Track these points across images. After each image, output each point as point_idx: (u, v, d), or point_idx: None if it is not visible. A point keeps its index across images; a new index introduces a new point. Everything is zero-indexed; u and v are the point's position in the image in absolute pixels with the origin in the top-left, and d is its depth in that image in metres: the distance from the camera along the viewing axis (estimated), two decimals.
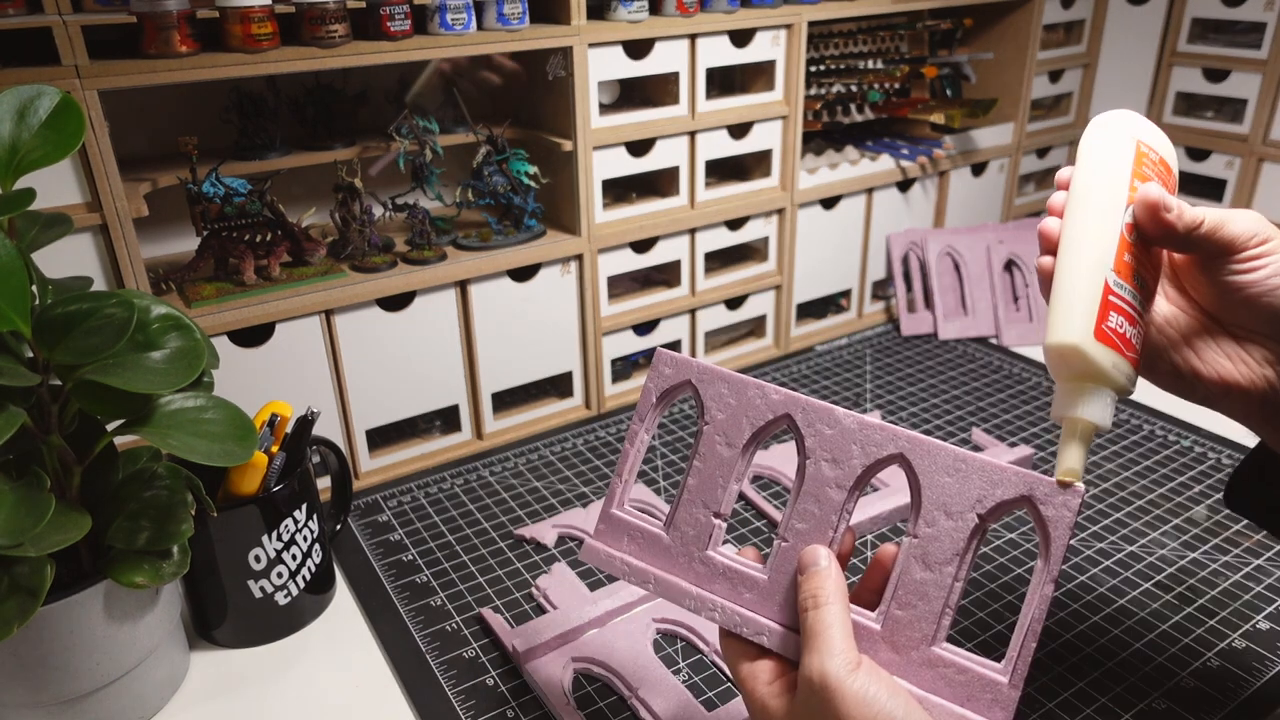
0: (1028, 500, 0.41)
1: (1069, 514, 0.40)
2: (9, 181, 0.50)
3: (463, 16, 0.77)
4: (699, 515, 0.49)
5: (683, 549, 0.49)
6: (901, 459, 0.44)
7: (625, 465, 0.52)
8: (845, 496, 0.45)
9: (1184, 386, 0.50)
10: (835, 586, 0.43)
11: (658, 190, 0.97)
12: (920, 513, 0.43)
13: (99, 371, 0.49)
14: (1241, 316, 0.48)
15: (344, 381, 0.80)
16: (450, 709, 0.60)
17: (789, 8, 0.94)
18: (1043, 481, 0.41)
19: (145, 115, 0.81)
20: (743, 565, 0.47)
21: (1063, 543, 0.40)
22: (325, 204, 0.89)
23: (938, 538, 0.43)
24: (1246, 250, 0.46)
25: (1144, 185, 0.46)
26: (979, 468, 0.42)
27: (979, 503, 0.42)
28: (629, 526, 0.51)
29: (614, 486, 0.52)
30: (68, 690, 0.56)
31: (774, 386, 0.48)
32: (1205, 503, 0.79)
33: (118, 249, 0.68)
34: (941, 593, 0.42)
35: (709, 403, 0.50)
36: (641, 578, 0.49)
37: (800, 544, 0.46)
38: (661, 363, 0.52)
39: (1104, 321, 0.44)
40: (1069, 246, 0.45)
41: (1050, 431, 0.90)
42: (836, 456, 0.46)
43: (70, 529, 0.50)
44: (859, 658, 0.40)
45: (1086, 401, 0.44)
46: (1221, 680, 0.60)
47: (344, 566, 0.74)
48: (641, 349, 0.99)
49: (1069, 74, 1.29)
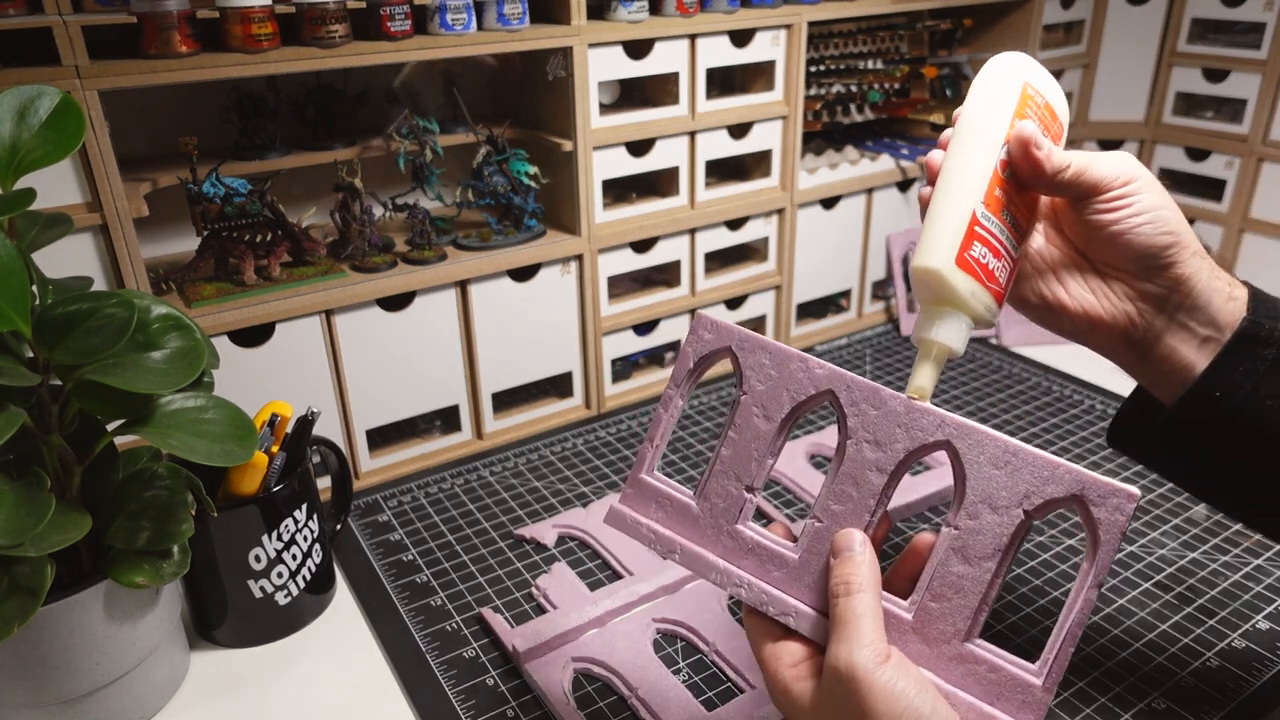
0: (1079, 500, 0.40)
1: (1121, 518, 0.39)
2: (9, 181, 0.50)
3: (463, 16, 0.77)
4: (730, 487, 0.47)
5: (711, 521, 0.47)
6: (948, 447, 0.42)
7: (657, 430, 0.50)
8: (885, 481, 0.43)
9: (1053, 319, 0.53)
10: (869, 574, 0.41)
11: (658, 190, 0.97)
12: (963, 504, 0.42)
13: (99, 371, 0.49)
14: (1106, 254, 0.51)
15: (344, 381, 0.81)
16: (450, 709, 0.60)
17: (789, 8, 0.94)
18: (1098, 482, 0.39)
19: (145, 115, 0.81)
20: (773, 543, 0.45)
21: (1112, 547, 0.39)
22: (325, 204, 0.89)
23: (980, 531, 0.41)
24: (1111, 191, 0.48)
25: (1020, 122, 0.47)
26: (1030, 461, 0.41)
27: (1027, 498, 0.40)
28: (658, 493, 0.49)
29: (644, 451, 0.50)
30: (68, 690, 0.56)
31: (818, 360, 0.46)
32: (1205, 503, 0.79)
33: (118, 249, 0.68)
34: (979, 588, 0.41)
35: (748, 372, 0.47)
36: (667, 546, 0.47)
37: (835, 526, 0.44)
38: (701, 327, 0.49)
39: (966, 250, 0.46)
40: (944, 178, 0.48)
41: (1051, 432, 0.90)
42: (879, 439, 0.44)
43: (70, 529, 0.50)
44: (888, 650, 0.39)
45: (942, 325, 0.46)
46: (1221, 680, 0.60)
47: (344, 566, 0.74)
48: (642, 349, 0.99)
49: (1069, 74, 1.29)
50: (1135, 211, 0.48)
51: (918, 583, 0.42)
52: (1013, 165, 0.48)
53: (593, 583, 0.71)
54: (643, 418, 0.95)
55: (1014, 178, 0.48)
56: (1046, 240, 0.53)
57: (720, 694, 0.60)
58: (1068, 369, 1.02)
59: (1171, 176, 1.29)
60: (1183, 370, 0.50)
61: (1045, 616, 0.66)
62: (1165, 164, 1.28)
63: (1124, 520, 0.39)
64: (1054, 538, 0.75)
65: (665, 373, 1.02)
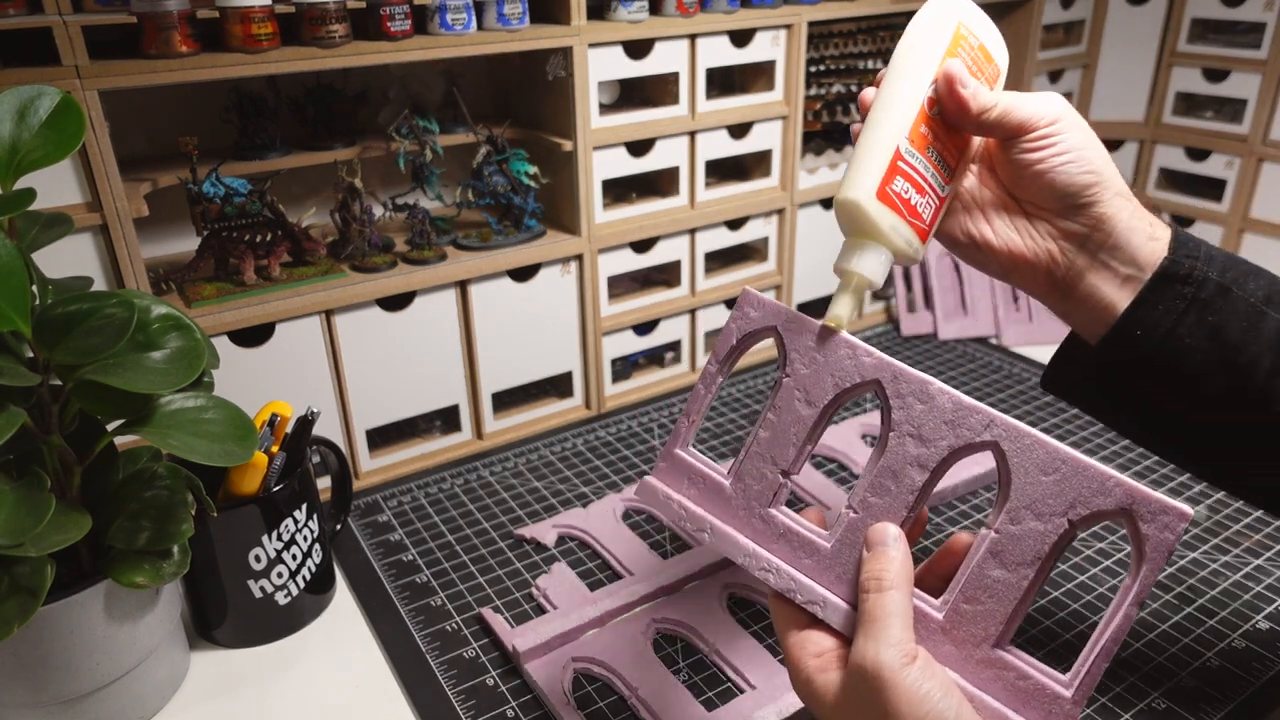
0: (1127, 514, 0.38)
1: (1171, 537, 0.37)
2: (9, 181, 0.50)
3: (463, 16, 0.77)
4: (766, 470, 0.46)
5: (744, 503, 0.46)
6: (995, 448, 0.41)
7: (695, 405, 0.48)
8: (926, 478, 0.42)
9: (980, 258, 0.54)
10: (901, 570, 0.41)
11: (658, 190, 0.97)
12: (1005, 508, 0.40)
13: (99, 371, 0.49)
14: (1031, 193, 0.52)
15: (344, 381, 0.81)
16: (450, 709, 0.60)
17: (789, 8, 0.94)
18: (1149, 498, 0.38)
19: (145, 115, 0.81)
20: (805, 529, 0.44)
21: (1158, 565, 0.38)
22: (325, 204, 0.89)
23: (1020, 538, 0.40)
24: (1037, 130, 0.49)
25: (948, 61, 0.48)
26: (1080, 470, 0.39)
27: (1073, 508, 0.39)
28: (691, 470, 0.48)
29: (680, 426, 0.48)
30: (68, 690, 0.56)
31: (866, 348, 0.45)
32: (1205, 503, 0.79)
33: (118, 249, 0.68)
34: (1015, 594, 0.40)
35: (793, 354, 0.46)
36: (698, 524, 0.47)
37: (870, 519, 0.43)
38: (747, 304, 0.48)
39: (888, 184, 0.46)
40: (871, 114, 0.48)
41: (1051, 432, 0.90)
42: (924, 434, 0.42)
43: (70, 529, 0.50)
44: (915, 650, 0.39)
45: (862, 256, 0.47)
46: (1221, 680, 0.60)
47: (344, 566, 0.74)
48: (642, 349, 0.99)
49: (1069, 74, 1.29)
50: (1058, 151, 0.49)
51: (951, 583, 0.41)
52: (940, 104, 0.49)
53: (593, 583, 0.71)
54: (643, 418, 0.95)
55: (942, 116, 0.49)
56: (980, 181, 0.54)
57: (720, 694, 0.60)
58: None
59: (1171, 176, 1.29)
60: (1105, 310, 0.51)
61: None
62: (1165, 164, 1.28)
63: (1173, 539, 0.37)
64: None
65: (665, 373, 1.02)
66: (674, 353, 1.02)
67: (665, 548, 0.75)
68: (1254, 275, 0.51)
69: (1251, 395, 0.50)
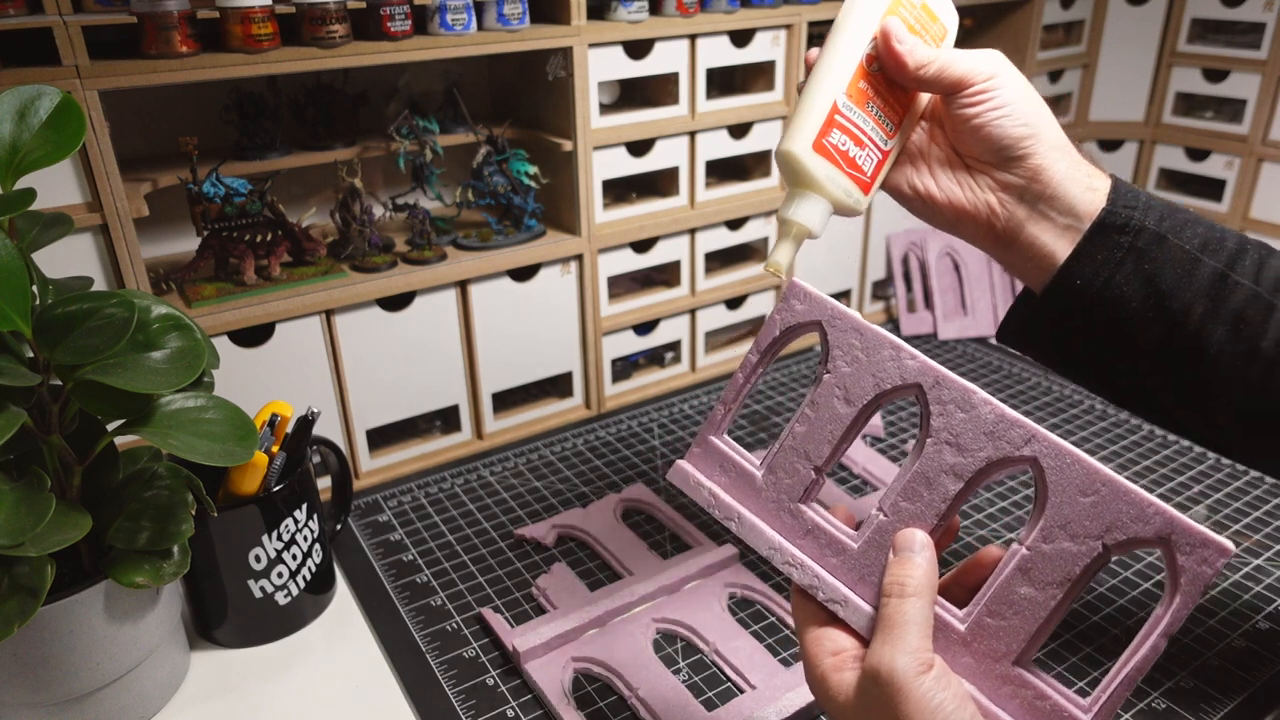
0: (1164, 544, 0.37)
1: (1209, 571, 0.36)
2: (9, 181, 0.50)
3: (463, 17, 0.77)
4: (799, 465, 0.45)
5: (774, 496, 0.46)
6: (1034, 464, 0.40)
7: (733, 393, 0.47)
8: (960, 488, 0.41)
9: (925, 210, 0.56)
10: (925, 578, 0.41)
11: (658, 190, 0.97)
12: (1039, 525, 0.39)
13: (99, 371, 0.49)
14: (970, 147, 0.54)
15: (344, 381, 0.81)
16: (450, 709, 0.60)
17: (789, 8, 0.94)
18: (1190, 530, 0.37)
19: (145, 115, 0.81)
20: (834, 528, 0.44)
21: (1193, 598, 0.37)
22: (325, 204, 0.89)
23: (1053, 557, 0.39)
24: (974, 85, 0.51)
25: (887, 18, 0.50)
26: (1120, 494, 0.38)
27: (1109, 532, 0.38)
28: (724, 457, 0.47)
29: (716, 413, 0.48)
30: (68, 690, 0.56)
31: (911, 350, 0.44)
32: (1205, 503, 0.79)
33: (118, 249, 0.68)
34: (1041, 613, 0.39)
35: (835, 351, 0.45)
36: (726, 513, 0.46)
37: (899, 523, 0.42)
38: (794, 296, 0.46)
39: (825, 136, 0.49)
40: (813, 70, 0.51)
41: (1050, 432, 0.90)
42: (962, 444, 0.41)
43: (70, 529, 0.50)
44: (932, 659, 0.39)
45: (801, 206, 0.49)
46: (1221, 679, 0.60)
47: (344, 566, 0.74)
48: (642, 349, 0.99)
49: (1069, 74, 1.29)
50: (995, 105, 0.51)
51: (976, 595, 0.41)
52: (879, 60, 0.51)
53: (593, 583, 0.71)
54: (643, 418, 0.95)
55: (882, 73, 0.52)
56: (929, 137, 0.56)
57: (720, 694, 0.60)
58: None
59: (1171, 177, 1.29)
60: (1046, 259, 0.53)
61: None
62: (1165, 164, 1.28)
63: (1211, 574, 0.36)
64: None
65: (665, 373, 1.02)
66: (674, 353, 1.02)
67: (665, 548, 0.75)
68: (1192, 224, 0.52)
69: (1183, 341, 0.51)
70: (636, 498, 0.81)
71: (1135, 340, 0.52)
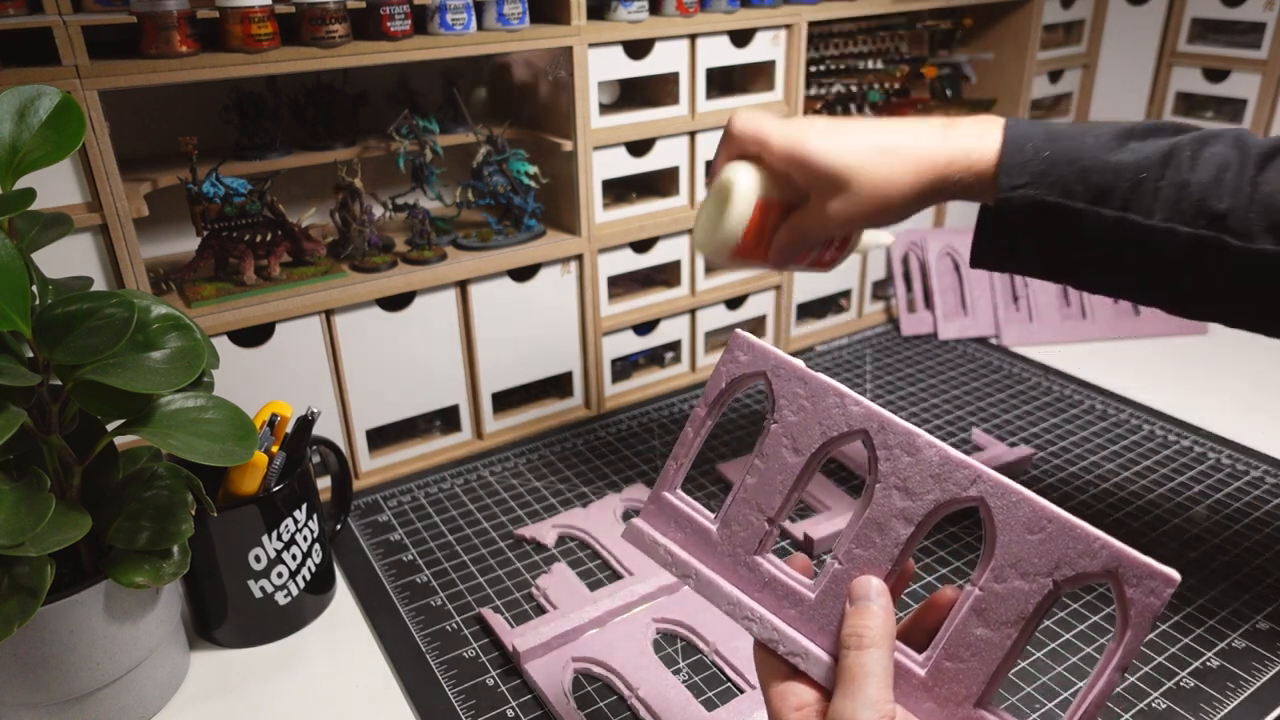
0: (1113, 576, 0.38)
1: (1157, 602, 0.37)
2: (9, 181, 0.50)
3: (463, 16, 0.77)
4: (752, 517, 0.46)
5: (730, 549, 0.46)
6: (982, 504, 0.40)
7: (684, 448, 0.48)
8: (911, 532, 0.42)
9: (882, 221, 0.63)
10: (882, 627, 0.40)
11: (658, 190, 0.97)
12: (990, 565, 0.40)
13: (99, 371, 0.49)
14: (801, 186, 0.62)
15: (344, 381, 0.81)
16: (450, 709, 0.60)
17: (789, 8, 0.94)
18: (1135, 562, 0.37)
19: (145, 115, 0.81)
20: (790, 579, 0.44)
21: (1143, 630, 0.37)
22: (325, 204, 0.89)
23: (1005, 597, 0.39)
24: (823, 245, 0.66)
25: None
26: (1066, 530, 0.38)
27: (1058, 568, 0.38)
28: (678, 513, 0.48)
29: (668, 469, 0.48)
30: (68, 690, 0.56)
31: (855, 396, 0.44)
32: (1205, 503, 0.79)
33: (118, 249, 0.68)
34: (998, 653, 0.39)
35: (781, 401, 0.46)
36: (683, 570, 0.46)
37: (855, 571, 0.43)
38: (737, 347, 0.47)
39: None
40: None
41: (1051, 432, 0.90)
42: (910, 487, 0.42)
43: (70, 529, 0.50)
44: (893, 709, 0.39)
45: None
46: (1221, 680, 0.60)
47: (344, 566, 0.74)
48: (641, 349, 0.99)
49: (1069, 74, 1.29)
50: (848, 250, 0.66)
51: (934, 639, 0.41)
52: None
53: (593, 583, 0.71)
54: (643, 418, 0.95)
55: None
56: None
57: (720, 694, 0.60)
58: (1068, 369, 1.02)
59: None
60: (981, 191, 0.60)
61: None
62: None
63: (1159, 604, 0.37)
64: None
65: (665, 373, 1.02)
66: (674, 353, 1.02)
67: None
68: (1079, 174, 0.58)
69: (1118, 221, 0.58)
70: (636, 498, 0.81)
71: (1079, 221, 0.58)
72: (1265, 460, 0.85)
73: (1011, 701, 0.59)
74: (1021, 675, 0.61)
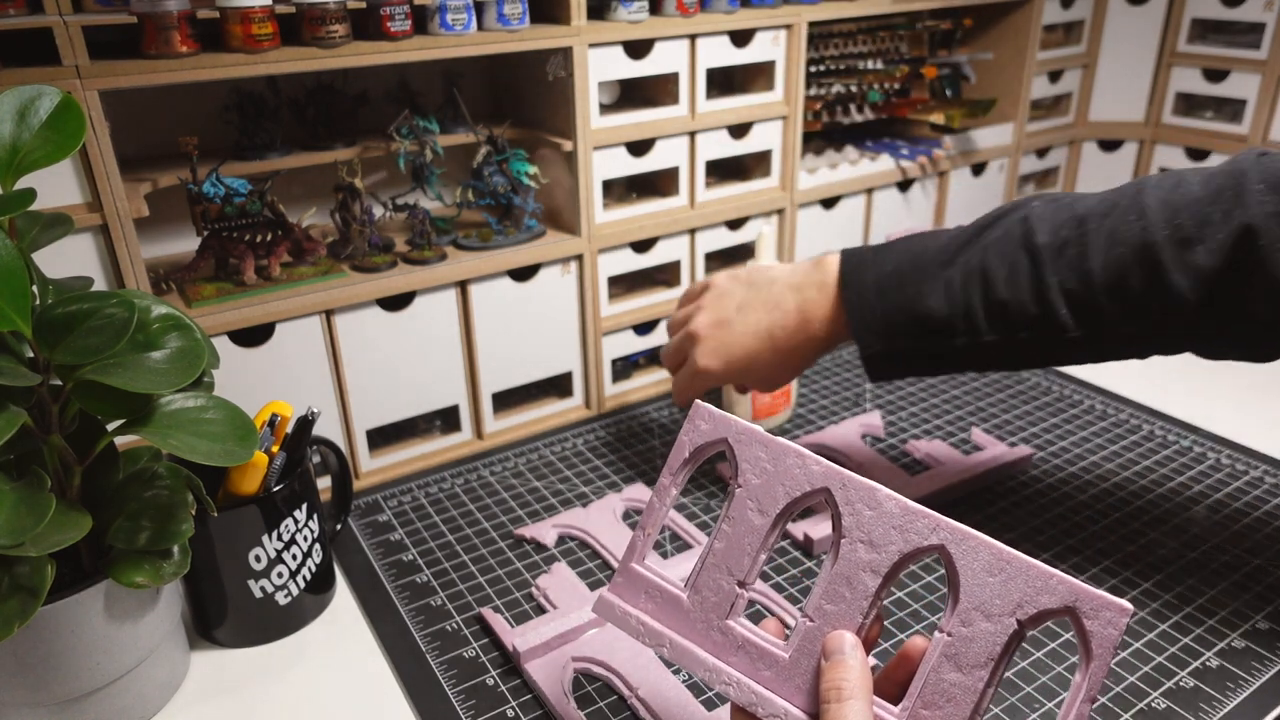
0: (1071, 612, 0.39)
1: (1115, 632, 0.38)
2: (9, 181, 0.50)
3: (463, 17, 0.77)
4: (722, 581, 0.46)
5: (702, 615, 0.46)
6: (943, 551, 0.42)
7: (651, 519, 0.49)
8: (879, 583, 0.43)
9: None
10: (859, 679, 0.41)
11: (658, 190, 0.97)
12: (956, 610, 0.41)
13: (99, 371, 0.49)
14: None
15: (344, 381, 0.81)
16: (450, 709, 0.60)
17: (789, 8, 0.94)
18: (1090, 595, 0.39)
19: (145, 115, 0.81)
20: (763, 640, 0.45)
21: (1105, 661, 0.38)
22: (325, 204, 0.89)
23: (973, 639, 0.40)
24: None
25: None
26: (1023, 570, 0.40)
27: (1020, 607, 0.40)
28: (648, 584, 0.48)
29: (635, 540, 0.49)
30: (68, 690, 0.56)
31: (815, 457, 0.45)
32: (1205, 503, 0.79)
33: (118, 249, 0.68)
34: (971, 697, 0.40)
35: (744, 465, 0.47)
36: (656, 640, 0.47)
37: (827, 626, 0.43)
38: (699, 417, 0.49)
39: None
40: None
41: (1052, 432, 0.90)
42: (874, 540, 0.43)
43: (71, 529, 0.50)
44: None
45: None
46: (1221, 680, 0.60)
47: (344, 566, 0.74)
48: (641, 349, 0.99)
49: (1069, 74, 1.29)
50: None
51: (909, 689, 0.42)
52: None
53: (593, 583, 0.71)
54: (643, 418, 0.95)
55: None
56: None
57: (720, 694, 0.61)
58: (1067, 369, 1.02)
59: None
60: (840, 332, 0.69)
61: None
62: (1165, 164, 1.28)
63: (1116, 635, 0.38)
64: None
65: (665, 373, 1.02)
66: None
67: (665, 547, 0.75)
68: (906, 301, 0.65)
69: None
70: (637, 498, 0.81)
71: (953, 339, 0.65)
72: (1265, 460, 0.85)
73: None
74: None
